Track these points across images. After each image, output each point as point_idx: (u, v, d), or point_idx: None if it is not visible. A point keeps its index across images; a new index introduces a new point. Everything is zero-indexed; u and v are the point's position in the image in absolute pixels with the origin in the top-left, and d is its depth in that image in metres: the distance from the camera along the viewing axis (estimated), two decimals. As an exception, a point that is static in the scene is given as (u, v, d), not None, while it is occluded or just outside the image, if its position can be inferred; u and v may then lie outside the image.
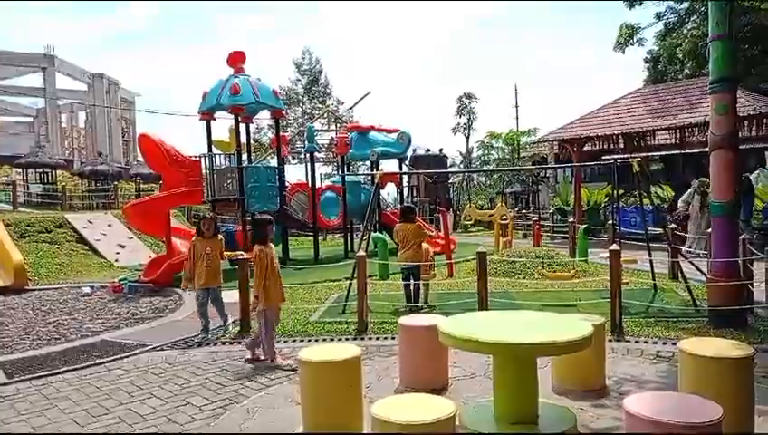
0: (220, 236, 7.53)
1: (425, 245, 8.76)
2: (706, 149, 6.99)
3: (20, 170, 24.72)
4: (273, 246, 6.44)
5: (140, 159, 23.47)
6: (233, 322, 7.67)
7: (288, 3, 78.42)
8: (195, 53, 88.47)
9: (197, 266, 7.14)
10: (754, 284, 7.23)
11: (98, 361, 6.37)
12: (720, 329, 6.47)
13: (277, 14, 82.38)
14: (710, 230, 7.19)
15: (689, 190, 14.31)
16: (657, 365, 5.49)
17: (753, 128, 15.40)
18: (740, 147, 6.98)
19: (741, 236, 7.08)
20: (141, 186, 25.02)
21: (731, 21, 6.67)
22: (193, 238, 7.38)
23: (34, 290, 12.25)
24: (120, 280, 11.79)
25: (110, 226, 18.12)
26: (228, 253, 7.97)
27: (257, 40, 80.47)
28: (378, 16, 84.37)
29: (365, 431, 3.99)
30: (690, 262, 8.55)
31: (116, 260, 15.90)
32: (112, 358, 6.46)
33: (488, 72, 78.85)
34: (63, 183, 24.20)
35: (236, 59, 13.87)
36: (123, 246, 16.99)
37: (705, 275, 7.45)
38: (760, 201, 14.42)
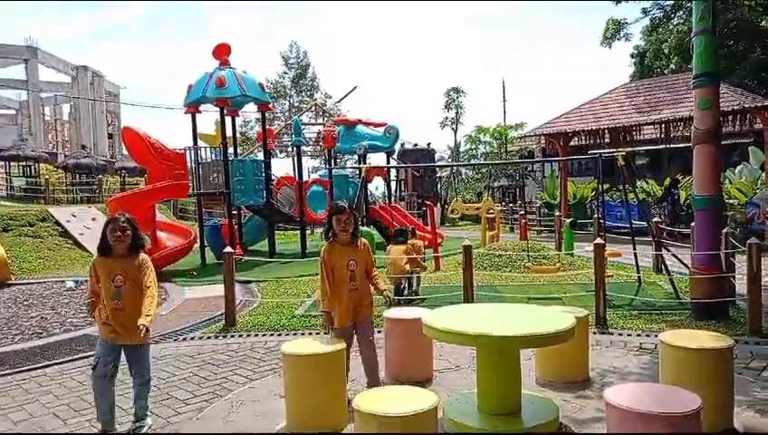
0: (143, 256, 4.18)
1: (418, 242, 8.91)
2: (691, 144, 7.04)
3: (2, 163, 24.41)
4: (358, 244, 4.46)
5: (126, 152, 23.27)
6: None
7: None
8: (184, 48, 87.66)
9: (100, 306, 4.09)
10: (736, 276, 7.31)
11: (80, 355, 6.31)
12: (702, 321, 6.55)
13: (265, 8, 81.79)
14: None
15: None
16: (640, 357, 5.53)
17: (737, 123, 15.58)
18: (723, 141, 7.05)
19: (723, 230, 7.17)
20: (126, 179, 24.79)
21: (714, 16, 6.72)
22: (94, 258, 4.23)
23: (17, 284, 12.11)
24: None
25: (94, 219, 17.93)
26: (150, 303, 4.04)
27: (246, 34, 79.88)
28: (365, 11, 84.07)
29: (348, 424, 3.98)
30: (673, 255, 8.63)
31: (100, 254, 15.74)
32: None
33: (476, 66, 78.93)
34: (47, 176, 23.91)
35: (222, 51, 13.76)
36: (108, 240, 16.82)
37: (688, 267, 7.53)
38: (743, 196, 14.58)
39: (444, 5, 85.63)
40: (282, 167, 44.02)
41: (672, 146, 18.34)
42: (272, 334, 6.90)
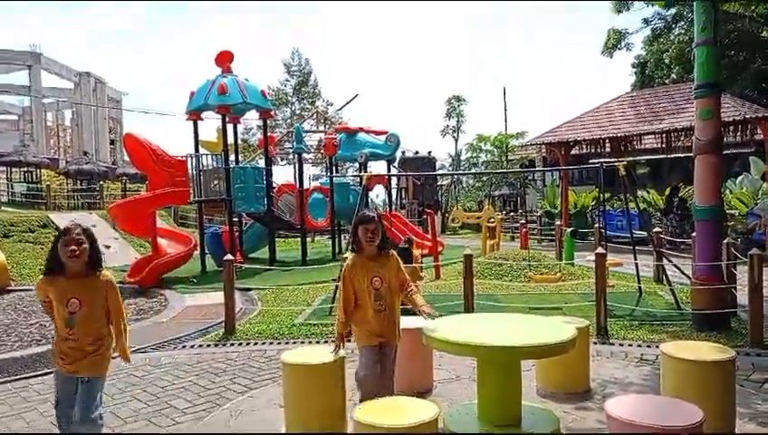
0: (105, 274, 3.54)
1: (415, 252, 8.91)
2: (692, 154, 7.04)
3: (4, 169, 24.44)
4: (387, 257, 4.05)
5: (127, 158, 23.32)
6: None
7: (280, 3, 78.30)
8: (186, 54, 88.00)
9: (56, 335, 3.51)
10: (737, 287, 7.29)
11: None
12: (703, 332, 6.52)
13: (267, 15, 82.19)
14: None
15: None
16: (641, 368, 5.51)
17: (738, 133, 15.59)
18: (725, 152, 7.04)
19: (724, 240, 7.15)
20: (128, 186, 24.84)
21: (716, 26, 6.73)
22: (41, 278, 3.54)
23: (17, 290, 12.08)
24: (104, 281, 11.65)
25: (94, 226, 17.87)
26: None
27: (248, 42, 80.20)
28: (367, 19, 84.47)
29: None
30: (675, 265, 8.60)
31: (101, 261, 15.73)
32: (94, 360, 6.37)
33: (478, 75, 79.21)
34: (48, 182, 23.95)
35: (224, 58, 13.82)
36: (108, 247, 16.80)
37: (689, 278, 7.51)
38: (743, 206, 14.57)
39: (446, 14, 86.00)
40: (283, 174, 44.04)
41: (673, 156, 18.35)
42: (271, 343, 6.87)
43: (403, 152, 25.87)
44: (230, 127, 14.71)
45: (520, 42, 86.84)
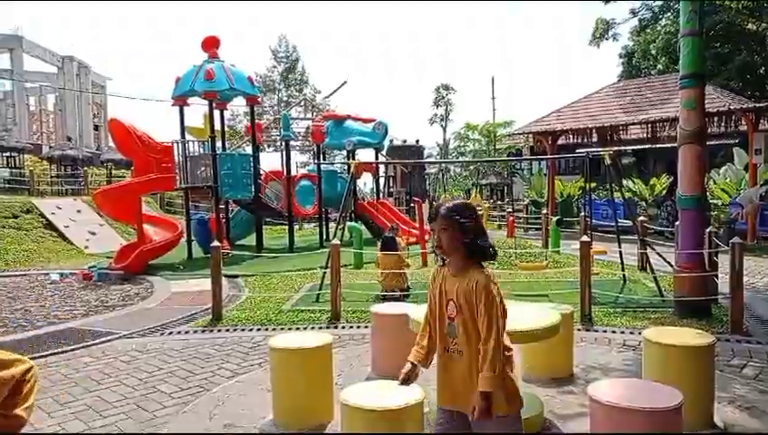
0: None
1: (398, 239, 8.94)
2: (676, 144, 7.12)
3: (-14, 154, 24.05)
4: (468, 276, 2.54)
5: (112, 144, 23.05)
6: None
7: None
8: (172, 39, 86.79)
9: None
10: (719, 275, 7.42)
11: (66, 348, 6.26)
12: (685, 319, 6.63)
13: (255, 2, 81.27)
14: None
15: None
16: (624, 354, 5.60)
17: (722, 124, 15.77)
18: (709, 142, 7.13)
19: (707, 229, 7.26)
20: (113, 172, 24.56)
21: (701, 18, 6.79)
22: None
23: (1, 277, 11.97)
24: (89, 267, 11.59)
25: (79, 212, 17.78)
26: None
27: (235, 27, 79.27)
28: (356, 6, 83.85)
29: (335, 418, 4.00)
30: (658, 254, 8.72)
31: (86, 247, 15.61)
32: (80, 345, 6.35)
33: (467, 63, 79.06)
34: (31, 168, 23.61)
35: (211, 44, 13.68)
36: (94, 233, 16.69)
37: (672, 266, 7.62)
38: (726, 196, 14.76)
39: (438, 2, 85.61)
40: (270, 161, 43.80)
41: (658, 146, 18.51)
42: (258, 329, 6.89)
43: (391, 141, 25.87)
44: (217, 113, 14.59)
45: (510, 32, 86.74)
